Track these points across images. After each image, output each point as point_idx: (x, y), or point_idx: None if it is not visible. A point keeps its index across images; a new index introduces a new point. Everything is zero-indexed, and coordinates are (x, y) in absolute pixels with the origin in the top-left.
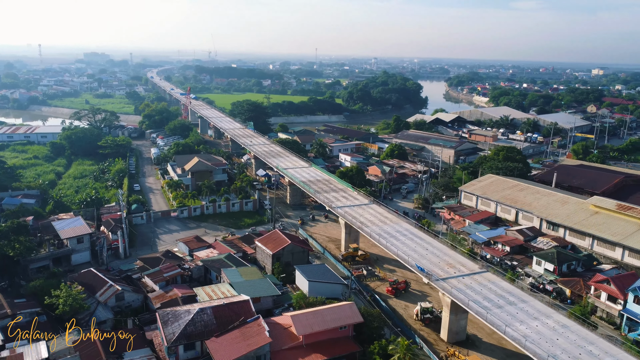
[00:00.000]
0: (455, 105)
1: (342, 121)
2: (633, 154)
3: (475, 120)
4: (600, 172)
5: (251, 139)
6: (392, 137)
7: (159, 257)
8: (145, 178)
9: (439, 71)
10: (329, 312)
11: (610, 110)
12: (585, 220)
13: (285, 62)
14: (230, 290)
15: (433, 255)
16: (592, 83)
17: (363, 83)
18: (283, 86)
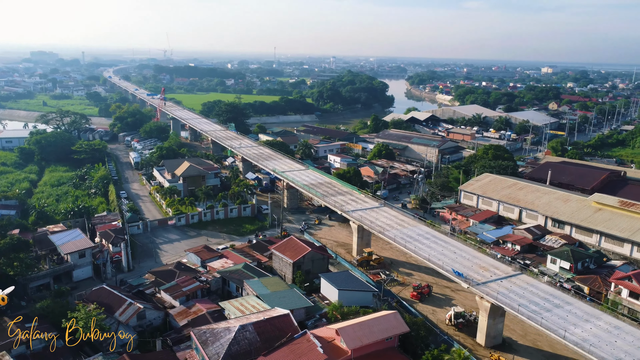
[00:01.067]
0: (418, 103)
1: (315, 121)
2: (602, 149)
3: (448, 119)
4: (585, 168)
5: (236, 141)
6: (374, 137)
7: (172, 270)
8: (129, 184)
9: (397, 70)
10: (375, 323)
11: (570, 108)
12: (590, 217)
13: (244, 61)
14: (260, 304)
15: (463, 259)
16: (544, 81)
17: (330, 82)
18: (247, 85)
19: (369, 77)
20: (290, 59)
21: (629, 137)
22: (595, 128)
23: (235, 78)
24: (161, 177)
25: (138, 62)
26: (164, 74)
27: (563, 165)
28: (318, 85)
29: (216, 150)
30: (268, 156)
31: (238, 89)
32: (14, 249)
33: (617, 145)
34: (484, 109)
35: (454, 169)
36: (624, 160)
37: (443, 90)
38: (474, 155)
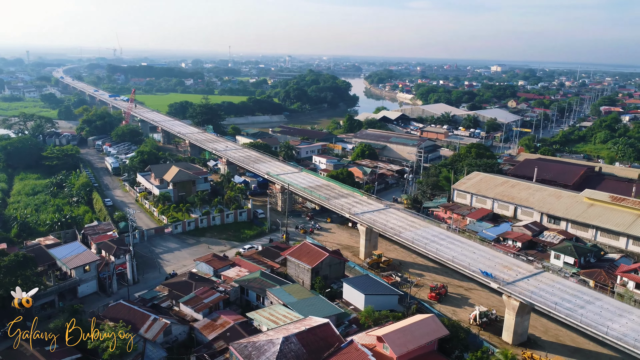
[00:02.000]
0: (378, 102)
1: (283, 121)
2: (566, 145)
3: (417, 118)
4: (563, 165)
5: (219, 143)
6: (351, 137)
7: (187, 281)
8: (111, 191)
9: (353, 68)
10: (416, 328)
11: (528, 105)
12: (584, 212)
13: (197, 60)
14: (290, 313)
15: (484, 259)
16: (496, 79)
17: (294, 82)
18: (207, 85)
19: (332, 76)
20: (245, 57)
21: (589, 133)
22: (554, 125)
23: (194, 78)
24: (148, 183)
25: (86, 61)
26: (119, 74)
27: (542, 162)
28: (281, 85)
29: (194, 154)
30: (256, 159)
31: (199, 89)
32: (20, 265)
33: (580, 141)
34: (450, 107)
35: (444, 168)
36: (591, 155)
37: (403, 89)
38: (458, 154)
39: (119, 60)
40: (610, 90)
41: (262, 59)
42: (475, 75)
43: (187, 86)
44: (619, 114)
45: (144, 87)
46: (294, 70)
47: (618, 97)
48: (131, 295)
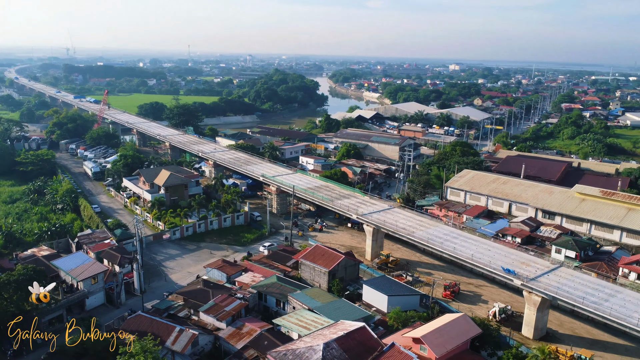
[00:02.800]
0: (344, 100)
1: (256, 121)
2: (537, 141)
3: (391, 116)
4: (544, 161)
5: (204, 145)
6: (332, 137)
7: (203, 289)
8: (95, 197)
9: (315, 67)
10: (451, 327)
11: (493, 103)
12: (577, 207)
13: (155, 60)
14: (319, 317)
15: (500, 256)
16: (456, 77)
17: (262, 81)
18: (171, 85)
19: (299, 76)
20: (203, 57)
21: (557, 130)
22: (521, 122)
23: (156, 78)
24: (136, 187)
25: (38, 61)
26: (76, 74)
27: (524, 159)
28: (249, 85)
29: (174, 156)
30: (246, 161)
31: (163, 90)
32: (30, 280)
33: (548, 138)
34: (423, 106)
35: (434, 166)
36: (563, 151)
37: (369, 87)
38: (444, 152)
39: (72, 60)
40: (565, 88)
41: (220, 58)
42: (435, 73)
43: (150, 86)
44: (580, 110)
45: (105, 88)
46: (257, 69)
47: (575, 95)
48: (141, 306)
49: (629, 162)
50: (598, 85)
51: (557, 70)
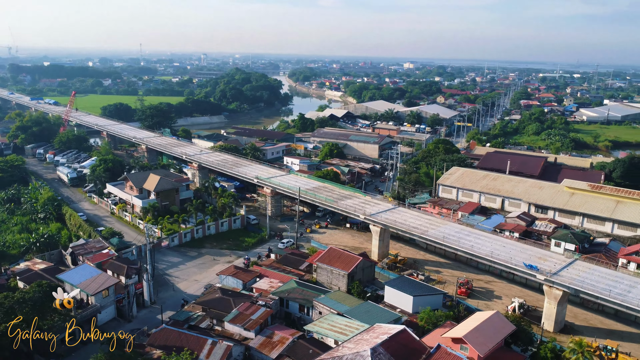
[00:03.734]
0: (306, 99)
1: (224, 121)
2: (505, 137)
3: (362, 115)
4: (523, 157)
5: (186, 148)
6: (309, 136)
7: (223, 298)
8: (77, 204)
9: (270, 66)
10: (487, 325)
11: (455, 100)
12: (569, 201)
13: (105, 59)
14: (351, 321)
15: (517, 252)
16: (413, 76)
17: (225, 81)
18: (128, 86)
19: (262, 75)
20: (155, 55)
21: (521, 126)
22: (485, 119)
23: (111, 78)
24: (123, 193)
25: None
26: (24, 74)
27: (504, 155)
28: (211, 85)
29: (151, 159)
30: (235, 163)
31: (121, 90)
32: (47, 297)
33: (515, 134)
34: (391, 104)
35: (422, 164)
36: (532, 147)
37: (331, 86)
38: (428, 150)
39: (15, 59)
40: (519, 85)
41: (172, 57)
42: (392, 72)
43: (106, 87)
44: (538, 107)
45: (58, 89)
46: (213, 68)
47: (529, 92)
48: (154, 318)
49: (596, 156)
50: (547, 83)
51: (506, 68)
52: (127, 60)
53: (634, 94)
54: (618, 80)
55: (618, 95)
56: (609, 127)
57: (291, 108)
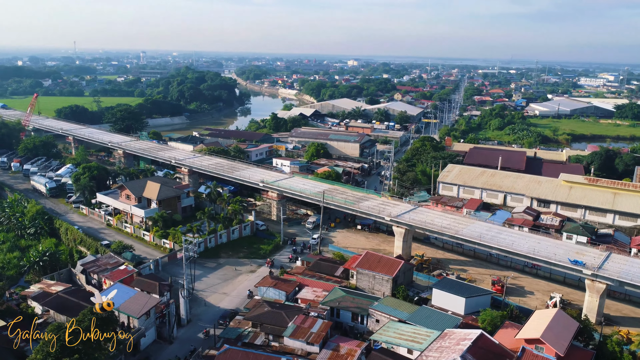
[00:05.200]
0: (258, 98)
1: (185, 122)
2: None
3: (328, 113)
4: (506, 152)
5: (172, 152)
6: (287, 136)
7: (273, 311)
8: (64, 216)
9: (214, 65)
10: (556, 324)
11: (412, 97)
12: (569, 194)
13: (36, 57)
14: (418, 328)
15: (554, 247)
16: (360, 73)
17: (178, 80)
18: (72, 86)
19: (215, 73)
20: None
21: (484, 121)
22: (445, 115)
23: (51, 78)
24: (118, 202)
25: None
26: None
27: (487, 151)
28: (163, 84)
29: (128, 165)
30: (231, 167)
31: (65, 91)
32: (104, 324)
33: (479, 129)
34: (356, 102)
35: (418, 163)
36: (502, 142)
37: (285, 85)
38: (415, 148)
39: None
40: (463, 82)
41: (106, 55)
42: (338, 69)
43: (47, 88)
44: (492, 102)
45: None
46: (156, 67)
47: (479, 88)
48: (195, 338)
49: (563, 149)
50: (489, 79)
51: (445, 65)
52: (60, 59)
53: (570, 88)
54: (551, 76)
55: (558, 90)
56: (560, 121)
57: (249, 107)
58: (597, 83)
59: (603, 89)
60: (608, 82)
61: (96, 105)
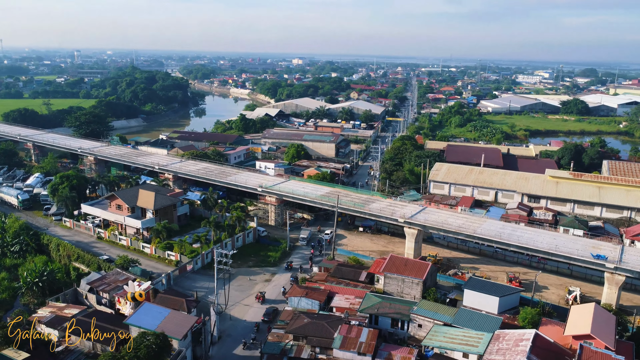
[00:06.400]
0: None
1: (142, 125)
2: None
3: (292, 113)
4: (482, 149)
5: (154, 157)
6: (260, 138)
7: (315, 322)
8: (45, 230)
9: (155, 63)
10: (599, 318)
11: (367, 96)
12: (557, 189)
13: None
14: (468, 331)
15: (571, 243)
16: (308, 72)
17: (127, 80)
18: (7, 87)
19: (165, 73)
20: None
21: (444, 119)
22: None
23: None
24: (108, 213)
25: None
26: None
27: (463, 148)
28: (110, 85)
29: (100, 172)
30: (221, 172)
31: (1, 93)
32: (160, 350)
33: (441, 127)
34: (319, 102)
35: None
36: (468, 138)
37: (236, 84)
38: (397, 147)
39: None
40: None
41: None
42: (284, 68)
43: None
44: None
45: None
46: (94, 66)
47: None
48: (231, 355)
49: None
50: (435, 77)
51: (387, 63)
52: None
53: (512, 86)
54: (491, 74)
55: (502, 88)
56: (512, 117)
57: (203, 108)
58: (533, 80)
59: (540, 86)
60: (544, 79)
61: (46, 108)
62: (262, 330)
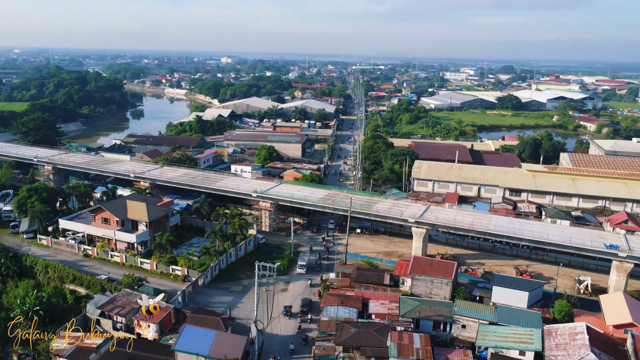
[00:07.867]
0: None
1: (82, 129)
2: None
3: (244, 113)
4: (448, 145)
5: (126, 165)
6: (222, 139)
7: (362, 332)
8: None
9: (74, 63)
10: (633, 306)
11: (312, 95)
12: (536, 182)
13: None
14: (517, 329)
15: (580, 235)
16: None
17: (55, 82)
18: None
19: (98, 73)
20: None
21: (394, 116)
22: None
23: None
24: (94, 228)
25: None
26: None
27: (430, 145)
28: (36, 87)
29: (59, 182)
30: (205, 177)
31: None
32: None
33: (392, 124)
34: (269, 101)
35: (385, 161)
36: (424, 135)
37: (171, 84)
38: (370, 146)
39: None
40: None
41: None
42: (214, 67)
43: None
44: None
45: None
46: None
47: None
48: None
49: (482, 141)
50: (367, 75)
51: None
52: None
53: (443, 83)
54: (419, 71)
55: (435, 85)
56: (454, 113)
57: (141, 109)
58: (460, 77)
59: (468, 82)
60: (470, 77)
61: None
62: (299, 341)
